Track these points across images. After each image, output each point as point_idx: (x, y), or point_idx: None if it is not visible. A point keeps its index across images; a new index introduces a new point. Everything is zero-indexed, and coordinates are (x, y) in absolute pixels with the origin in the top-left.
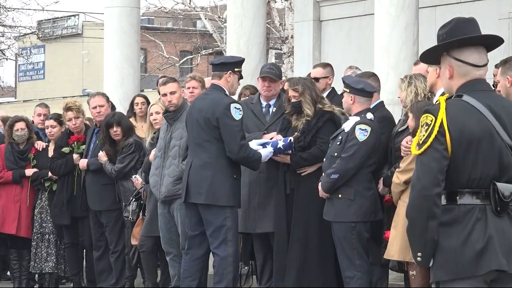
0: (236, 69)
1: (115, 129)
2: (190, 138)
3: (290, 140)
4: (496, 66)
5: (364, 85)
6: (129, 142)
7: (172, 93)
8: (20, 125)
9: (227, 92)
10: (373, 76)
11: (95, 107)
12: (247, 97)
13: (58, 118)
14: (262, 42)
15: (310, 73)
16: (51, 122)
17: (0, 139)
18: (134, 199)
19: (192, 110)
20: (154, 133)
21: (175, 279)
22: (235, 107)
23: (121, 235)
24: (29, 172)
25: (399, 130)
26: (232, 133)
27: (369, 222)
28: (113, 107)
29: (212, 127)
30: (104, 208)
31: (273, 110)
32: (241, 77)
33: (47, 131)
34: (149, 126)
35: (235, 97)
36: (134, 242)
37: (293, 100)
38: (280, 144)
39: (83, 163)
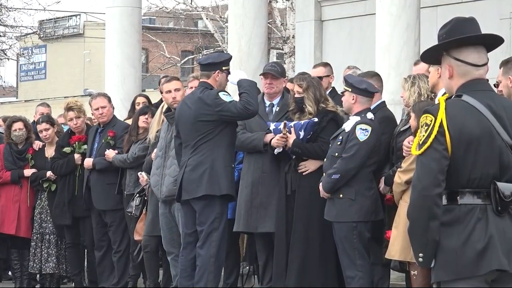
0: (224, 68)
1: (146, 116)
2: (184, 138)
3: (314, 119)
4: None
5: (367, 86)
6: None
7: (176, 90)
8: (18, 125)
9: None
10: (376, 76)
11: (97, 109)
12: None
13: (49, 120)
14: (263, 42)
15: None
16: (43, 125)
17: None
18: (138, 194)
19: (182, 109)
20: (157, 131)
21: (177, 279)
22: (224, 94)
23: (125, 234)
24: (27, 172)
25: (401, 129)
26: (231, 106)
27: (370, 221)
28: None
29: (205, 122)
30: (109, 207)
31: (276, 110)
32: (229, 74)
33: (41, 135)
34: (158, 122)
35: (236, 98)
36: (137, 237)
37: (296, 95)
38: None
39: (88, 162)
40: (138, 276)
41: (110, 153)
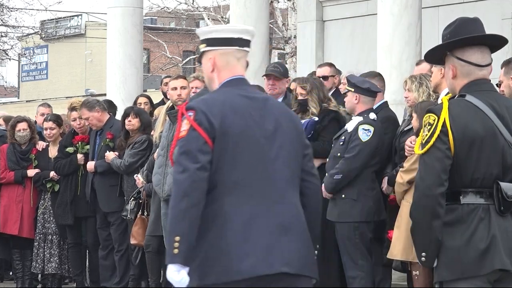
0: None
1: (129, 119)
2: None
3: (315, 119)
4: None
5: (370, 85)
6: (143, 138)
7: (182, 88)
8: (22, 125)
9: None
10: (378, 76)
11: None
12: None
13: (56, 120)
14: (265, 42)
15: (314, 72)
16: (50, 124)
17: (3, 138)
18: (132, 198)
19: None
20: (161, 132)
21: None
22: None
23: (126, 234)
24: (31, 172)
25: (404, 129)
26: None
27: (372, 222)
28: (116, 108)
29: None
30: (113, 209)
31: None
32: None
33: (45, 132)
34: (162, 122)
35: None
36: (133, 241)
37: (299, 97)
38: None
39: (90, 165)
40: (139, 276)
41: (110, 155)
